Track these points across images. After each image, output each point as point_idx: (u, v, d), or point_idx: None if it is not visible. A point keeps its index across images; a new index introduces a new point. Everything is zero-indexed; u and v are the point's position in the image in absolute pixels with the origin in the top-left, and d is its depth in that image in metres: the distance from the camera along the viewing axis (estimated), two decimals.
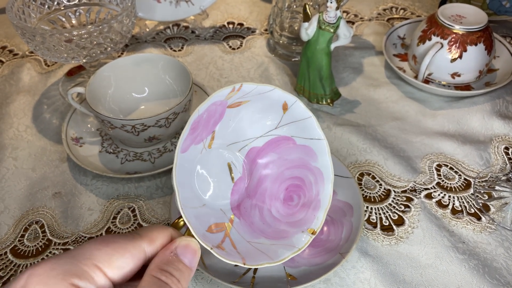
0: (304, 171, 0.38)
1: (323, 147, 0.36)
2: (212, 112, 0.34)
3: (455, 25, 0.58)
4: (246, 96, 0.34)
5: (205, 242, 0.29)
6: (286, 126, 0.37)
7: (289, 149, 0.38)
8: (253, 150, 0.38)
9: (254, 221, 0.37)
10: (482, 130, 0.57)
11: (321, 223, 0.36)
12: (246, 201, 0.38)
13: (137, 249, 0.26)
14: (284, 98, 0.35)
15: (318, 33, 0.55)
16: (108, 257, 0.24)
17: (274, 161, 0.38)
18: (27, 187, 0.52)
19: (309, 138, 0.37)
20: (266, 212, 0.38)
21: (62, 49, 0.53)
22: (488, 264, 0.43)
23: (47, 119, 0.60)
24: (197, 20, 0.76)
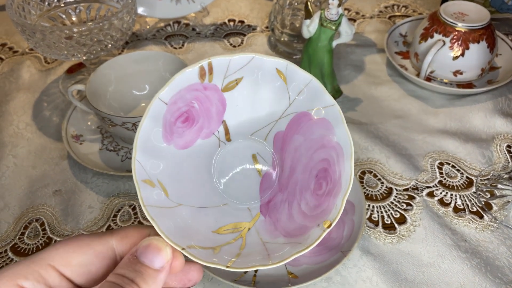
0: (328, 150, 0.31)
1: (336, 114, 0.30)
2: (204, 99, 0.31)
3: (458, 23, 0.58)
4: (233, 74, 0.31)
5: (176, 242, 0.27)
6: (297, 98, 0.31)
7: (310, 126, 0.32)
8: (278, 136, 0.33)
9: (281, 218, 0.32)
10: (484, 128, 0.56)
11: (339, 213, 0.28)
12: (277, 195, 0.33)
13: (103, 246, 0.25)
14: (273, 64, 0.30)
15: (320, 30, 0.54)
16: (65, 256, 0.24)
17: (301, 144, 0.32)
18: (27, 184, 0.51)
19: (322, 107, 0.30)
20: (295, 207, 0.32)
21: (62, 46, 0.53)
22: (490, 263, 0.43)
23: (47, 117, 0.60)
24: (198, 18, 0.76)
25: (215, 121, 0.33)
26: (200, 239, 0.29)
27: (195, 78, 0.30)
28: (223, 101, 0.32)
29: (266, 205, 0.33)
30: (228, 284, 0.41)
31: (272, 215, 0.32)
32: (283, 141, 0.33)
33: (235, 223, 0.32)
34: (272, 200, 0.33)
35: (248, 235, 0.31)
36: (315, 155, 0.32)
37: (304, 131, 0.32)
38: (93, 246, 0.25)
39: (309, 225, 0.30)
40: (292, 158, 0.33)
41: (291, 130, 0.33)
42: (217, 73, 0.30)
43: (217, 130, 0.33)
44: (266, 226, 0.32)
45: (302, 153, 0.32)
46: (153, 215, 0.27)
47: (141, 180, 0.28)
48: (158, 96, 0.29)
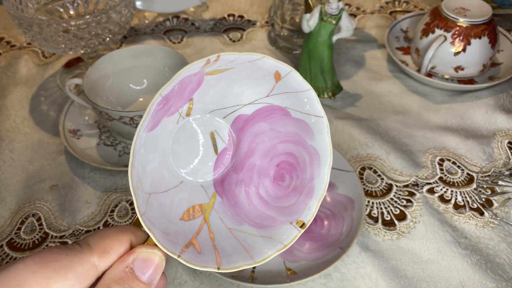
0: (299, 148, 0.31)
1: (322, 125, 0.30)
2: (186, 83, 0.30)
3: (459, 18, 0.58)
4: (229, 64, 0.29)
5: (171, 249, 0.25)
6: (280, 95, 0.31)
7: (283, 120, 0.32)
8: (240, 118, 0.33)
9: (239, 201, 0.32)
10: (486, 124, 0.56)
11: (312, 215, 0.29)
12: (231, 175, 0.33)
13: (84, 266, 0.22)
14: (275, 67, 0.29)
15: (320, 25, 0.54)
16: (45, 282, 0.21)
17: (265, 132, 0.32)
18: (24, 179, 0.51)
19: (306, 113, 0.30)
20: (253, 192, 0.32)
21: (60, 39, 0.52)
22: (490, 260, 0.43)
23: (45, 111, 0.59)
24: (197, 12, 0.75)
25: (184, 99, 0.31)
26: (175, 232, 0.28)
27: (197, 69, 0.28)
28: (200, 82, 0.31)
29: (220, 184, 0.32)
30: (226, 280, 0.41)
31: (229, 197, 0.32)
32: (244, 123, 0.33)
33: (194, 205, 0.31)
34: (226, 179, 0.32)
35: (211, 220, 0.30)
36: (279, 145, 0.32)
37: (273, 122, 0.32)
38: (74, 268, 0.22)
39: (277, 218, 0.30)
40: (251, 141, 0.33)
41: (258, 116, 0.32)
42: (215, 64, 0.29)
43: (181, 107, 0.31)
44: (225, 210, 0.31)
45: (263, 139, 0.32)
46: (149, 225, 0.26)
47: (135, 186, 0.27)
48: (160, 93, 0.27)
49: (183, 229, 0.29)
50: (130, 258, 0.24)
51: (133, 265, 0.23)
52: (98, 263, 0.23)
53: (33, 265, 0.21)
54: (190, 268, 0.42)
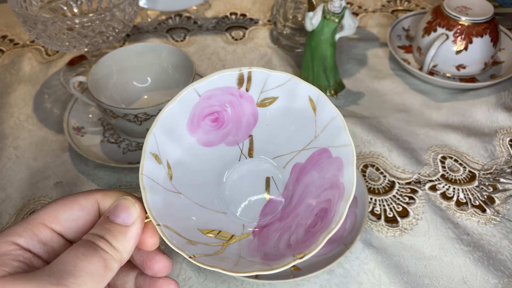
0: (333, 191, 0.30)
1: (349, 155, 0.29)
2: (238, 106, 0.31)
3: (461, 16, 0.58)
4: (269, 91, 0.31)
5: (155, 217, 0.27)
6: (322, 133, 0.31)
7: (327, 164, 0.31)
8: (296, 167, 0.33)
9: (268, 243, 0.31)
10: (487, 122, 0.56)
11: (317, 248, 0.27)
12: (275, 224, 0.32)
13: (88, 200, 0.27)
14: (306, 91, 0.30)
15: (323, 23, 0.54)
16: (54, 213, 0.26)
17: (314, 181, 0.32)
18: (28, 176, 0.51)
19: (340, 146, 0.30)
20: (285, 239, 0.31)
21: (64, 37, 0.53)
22: (492, 256, 0.43)
23: (48, 109, 0.60)
24: (200, 11, 0.75)
25: (243, 132, 0.33)
26: (182, 228, 0.29)
27: (233, 82, 0.30)
28: (256, 115, 0.32)
29: (261, 229, 0.33)
30: (230, 276, 0.41)
31: (261, 239, 0.32)
32: (299, 173, 0.33)
33: (224, 231, 0.31)
34: (268, 226, 0.33)
35: (229, 246, 0.31)
36: (323, 194, 0.31)
37: (321, 169, 0.31)
38: (79, 201, 0.26)
39: (287, 254, 0.29)
40: (302, 192, 0.32)
41: (310, 164, 0.32)
42: (254, 84, 0.31)
43: (242, 142, 0.33)
44: (250, 246, 0.31)
45: (312, 190, 0.32)
46: (146, 184, 0.28)
47: (149, 151, 0.29)
48: (194, 86, 0.30)
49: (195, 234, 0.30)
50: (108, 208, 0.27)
51: (108, 212, 0.26)
52: (100, 200, 0.27)
53: (49, 204, 0.26)
54: (195, 264, 0.43)
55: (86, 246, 0.24)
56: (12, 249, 0.24)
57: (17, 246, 0.24)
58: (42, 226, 0.25)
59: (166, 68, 0.56)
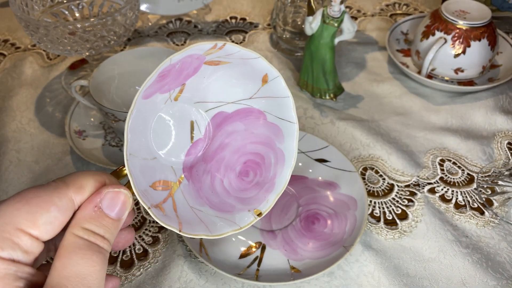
0: (267, 150, 0.35)
1: (293, 131, 0.34)
2: (186, 64, 0.32)
3: (459, 21, 0.58)
4: (227, 57, 0.32)
5: (144, 200, 0.27)
6: (262, 99, 0.34)
7: (258, 123, 0.35)
8: (220, 115, 0.36)
9: (203, 187, 0.35)
10: (485, 125, 0.57)
11: (269, 207, 0.33)
12: (200, 164, 0.36)
13: (63, 200, 0.24)
14: (266, 70, 0.32)
15: (322, 27, 0.54)
16: (31, 216, 0.23)
17: (239, 131, 0.36)
18: (30, 179, 0.52)
19: (281, 118, 0.34)
20: (218, 182, 0.35)
21: (66, 41, 0.53)
22: (491, 258, 0.43)
23: (50, 112, 0.60)
24: (200, 15, 0.76)
25: (179, 81, 0.33)
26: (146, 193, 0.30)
27: (202, 51, 0.30)
28: (197, 70, 0.33)
29: (189, 170, 0.35)
30: (231, 278, 0.41)
31: (195, 181, 0.35)
32: (223, 120, 0.36)
33: (164, 180, 0.33)
34: (195, 167, 0.35)
35: (176, 196, 0.32)
36: (250, 145, 0.36)
37: (249, 123, 0.35)
38: (54, 201, 0.24)
39: (236, 206, 0.34)
40: (225, 137, 0.36)
41: (237, 116, 0.35)
42: (218, 53, 0.31)
43: (174, 89, 0.33)
44: (190, 191, 0.34)
45: (236, 138, 0.36)
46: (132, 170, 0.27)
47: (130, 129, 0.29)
48: (170, 58, 0.29)
49: (151, 194, 0.30)
50: (98, 198, 0.25)
51: (101, 204, 0.25)
52: (74, 197, 0.25)
53: (15, 203, 0.23)
54: (195, 266, 0.43)
55: (87, 248, 0.23)
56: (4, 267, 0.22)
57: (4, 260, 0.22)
58: (20, 233, 0.23)
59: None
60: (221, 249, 0.43)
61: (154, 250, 0.45)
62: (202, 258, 0.41)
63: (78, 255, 0.23)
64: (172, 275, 0.42)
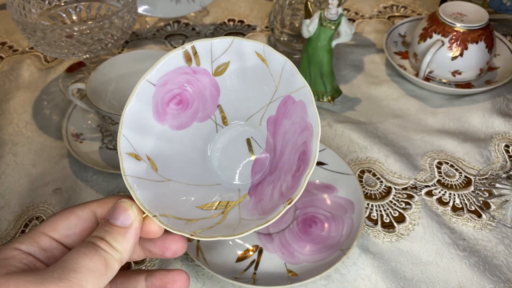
0: (306, 132, 0.31)
1: (307, 95, 0.30)
2: (195, 82, 0.32)
3: (456, 23, 0.58)
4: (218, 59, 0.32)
5: (148, 208, 0.28)
6: (280, 82, 0.32)
7: (293, 110, 0.32)
8: (270, 121, 0.34)
9: (264, 198, 0.32)
10: (483, 128, 0.57)
11: (300, 190, 0.28)
12: (267, 178, 0.34)
13: (84, 210, 0.29)
14: (252, 47, 0.31)
15: (319, 30, 0.54)
16: (53, 223, 0.28)
17: (289, 128, 0.33)
18: (27, 183, 0.51)
19: (297, 90, 0.31)
20: (278, 188, 0.32)
21: (63, 44, 0.53)
22: (488, 261, 0.43)
23: (47, 115, 0.60)
24: (198, 17, 0.76)
25: (210, 104, 0.34)
26: (180, 211, 0.30)
27: (181, 62, 0.31)
28: (216, 85, 0.33)
29: (255, 187, 0.34)
30: (228, 282, 0.41)
31: (257, 196, 0.33)
32: (274, 125, 0.34)
33: (222, 201, 0.33)
34: (261, 183, 0.34)
35: (230, 212, 0.32)
36: (299, 138, 0.32)
37: (291, 115, 0.33)
38: (76, 212, 0.28)
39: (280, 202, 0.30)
40: (282, 141, 0.34)
41: (281, 114, 0.34)
42: (202, 57, 0.31)
43: (213, 114, 0.34)
44: (249, 206, 0.33)
45: (289, 137, 0.33)
46: (131, 183, 0.29)
47: (125, 152, 0.30)
48: (145, 78, 0.30)
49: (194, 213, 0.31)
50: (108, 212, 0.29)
51: (108, 216, 0.28)
52: (96, 209, 0.29)
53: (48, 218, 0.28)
54: (192, 270, 0.43)
55: (87, 246, 0.26)
56: (16, 254, 0.26)
57: (20, 251, 0.26)
58: (41, 235, 0.27)
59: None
60: (218, 252, 0.43)
61: None
62: (199, 261, 0.41)
63: (80, 253, 0.25)
64: None
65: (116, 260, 0.26)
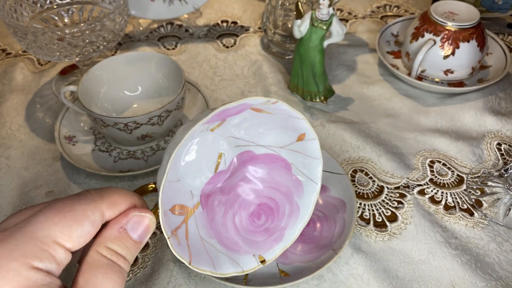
0: (284, 199, 0.37)
1: (314, 190, 0.36)
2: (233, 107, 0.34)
3: (448, 22, 0.59)
4: (272, 109, 0.33)
5: (166, 228, 0.29)
6: (292, 153, 0.36)
7: (282, 173, 0.37)
8: (248, 153, 0.37)
9: (215, 218, 0.36)
10: (475, 126, 0.57)
11: (274, 257, 0.35)
12: (217, 195, 0.37)
13: (96, 213, 0.25)
14: (305, 130, 0.34)
15: (311, 30, 0.55)
16: (66, 230, 0.24)
17: (263, 175, 0.38)
18: (19, 186, 0.51)
19: (306, 175, 0.36)
20: (230, 217, 0.37)
21: (55, 47, 0.53)
22: (480, 259, 0.43)
23: (40, 118, 0.60)
24: (191, 19, 0.76)
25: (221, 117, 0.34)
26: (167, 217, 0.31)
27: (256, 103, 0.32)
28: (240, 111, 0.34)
29: (206, 198, 0.36)
30: (221, 283, 0.41)
31: (209, 211, 0.36)
32: (249, 159, 0.37)
33: (182, 204, 0.34)
34: (211, 196, 0.36)
35: (189, 223, 0.33)
36: (268, 189, 0.37)
37: (273, 170, 0.37)
38: (88, 216, 0.25)
39: (243, 247, 0.36)
40: (246, 176, 0.37)
41: (264, 160, 0.37)
42: (266, 105, 0.32)
43: (215, 122, 0.35)
44: (202, 220, 0.35)
45: (256, 178, 0.37)
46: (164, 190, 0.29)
47: None
48: (225, 107, 0.30)
49: (170, 218, 0.32)
50: (124, 220, 0.26)
51: (126, 226, 0.26)
52: (105, 212, 0.26)
53: (54, 216, 0.24)
54: (184, 271, 0.43)
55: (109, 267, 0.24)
56: (40, 278, 0.22)
57: (42, 272, 0.22)
58: (56, 246, 0.23)
59: (156, 77, 0.57)
60: None
61: (143, 255, 0.45)
62: None
63: (100, 273, 0.24)
64: (161, 280, 0.42)
65: (127, 272, 0.26)
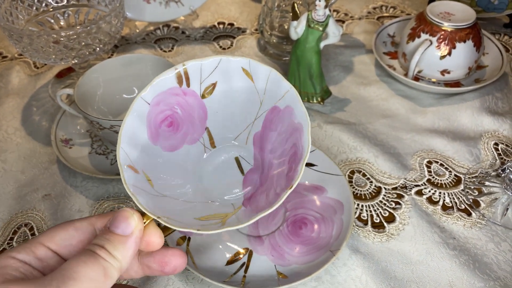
0: (295, 135, 0.32)
1: (294, 97, 0.32)
2: (185, 105, 0.33)
3: (444, 22, 0.59)
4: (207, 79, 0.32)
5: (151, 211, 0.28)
6: (265, 96, 0.33)
7: (280, 118, 0.34)
8: (256, 137, 0.36)
9: (259, 205, 0.33)
10: (472, 126, 0.57)
11: (299, 177, 0.29)
12: (259, 189, 0.35)
13: (83, 223, 0.29)
14: (238, 63, 0.32)
15: (307, 31, 0.55)
16: (51, 234, 0.28)
17: (275, 140, 0.35)
18: (16, 189, 0.51)
19: (282, 96, 0.32)
20: (272, 193, 0.33)
21: (50, 50, 0.53)
22: (478, 259, 0.43)
23: (37, 121, 0.60)
24: (187, 21, 0.76)
25: (198, 127, 0.35)
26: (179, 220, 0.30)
27: (173, 83, 0.32)
28: (204, 108, 0.34)
29: (248, 199, 0.35)
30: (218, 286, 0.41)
31: (253, 205, 0.34)
32: (261, 140, 0.36)
33: (218, 213, 0.33)
34: (254, 195, 0.35)
35: (228, 220, 0.32)
36: (286, 145, 0.33)
37: (276, 126, 0.34)
38: (74, 224, 0.29)
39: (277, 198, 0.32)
40: (270, 154, 0.35)
41: (266, 128, 0.35)
42: (193, 78, 0.32)
43: (201, 136, 0.35)
44: (246, 214, 0.33)
45: (277, 148, 0.34)
46: (133, 191, 0.29)
47: (125, 165, 0.30)
48: (141, 96, 0.31)
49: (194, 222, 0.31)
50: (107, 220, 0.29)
51: (109, 224, 0.28)
52: (95, 222, 0.29)
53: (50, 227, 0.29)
54: (182, 274, 0.43)
55: (87, 254, 0.25)
56: (12, 262, 0.25)
57: (16, 260, 0.26)
58: (38, 245, 0.27)
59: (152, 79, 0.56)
60: (208, 256, 0.43)
61: None
62: (188, 265, 0.40)
63: (81, 261, 0.25)
64: (159, 282, 0.42)
65: (115, 269, 0.26)
